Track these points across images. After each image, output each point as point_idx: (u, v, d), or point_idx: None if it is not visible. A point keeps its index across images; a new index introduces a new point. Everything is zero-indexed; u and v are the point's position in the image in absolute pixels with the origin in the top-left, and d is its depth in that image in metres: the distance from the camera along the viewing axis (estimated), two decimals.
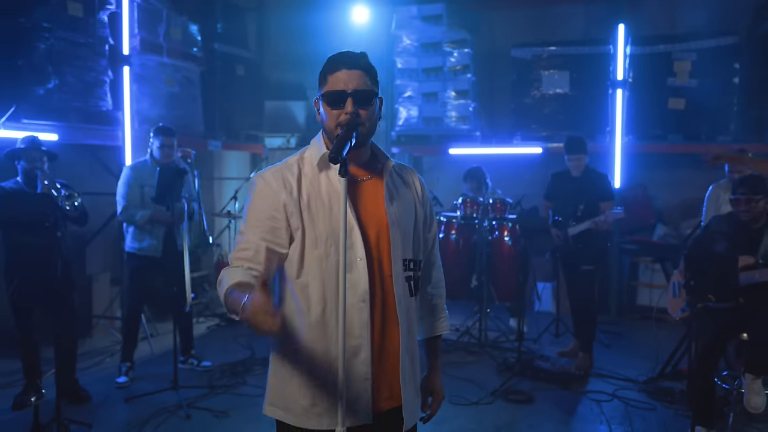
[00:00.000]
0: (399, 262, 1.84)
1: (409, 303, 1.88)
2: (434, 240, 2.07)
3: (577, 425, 4.13)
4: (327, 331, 1.80)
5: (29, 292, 4.27)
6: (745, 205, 3.76)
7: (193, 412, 4.21)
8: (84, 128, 5.49)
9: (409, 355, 1.88)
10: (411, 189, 1.98)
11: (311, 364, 1.81)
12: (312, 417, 1.82)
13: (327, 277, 1.79)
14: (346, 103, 1.77)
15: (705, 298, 3.48)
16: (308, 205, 1.81)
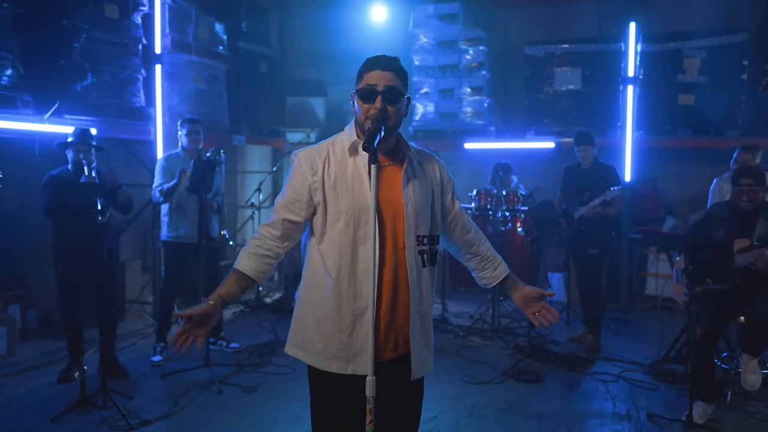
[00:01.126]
0: (412, 237, 2.13)
1: (421, 272, 2.15)
2: (460, 212, 2.35)
3: (583, 402, 4.39)
4: (340, 292, 2.11)
5: (75, 275, 4.59)
6: (748, 195, 3.99)
7: (224, 388, 4.53)
8: (119, 123, 5.82)
9: (420, 317, 2.15)
10: (429, 173, 2.25)
11: (326, 317, 2.13)
12: (323, 360, 2.14)
13: (343, 246, 2.10)
14: (376, 100, 2.05)
15: (704, 281, 3.72)
16: (334, 184, 2.12)
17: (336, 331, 2.12)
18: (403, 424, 2.23)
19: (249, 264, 2.17)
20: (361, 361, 2.10)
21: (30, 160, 5.40)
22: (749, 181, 3.99)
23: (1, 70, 4.76)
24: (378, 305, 2.08)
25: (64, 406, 4.05)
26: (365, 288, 2.08)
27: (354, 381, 2.11)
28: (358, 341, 2.10)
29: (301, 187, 2.14)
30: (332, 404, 2.18)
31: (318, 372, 2.16)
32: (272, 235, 2.18)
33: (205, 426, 3.93)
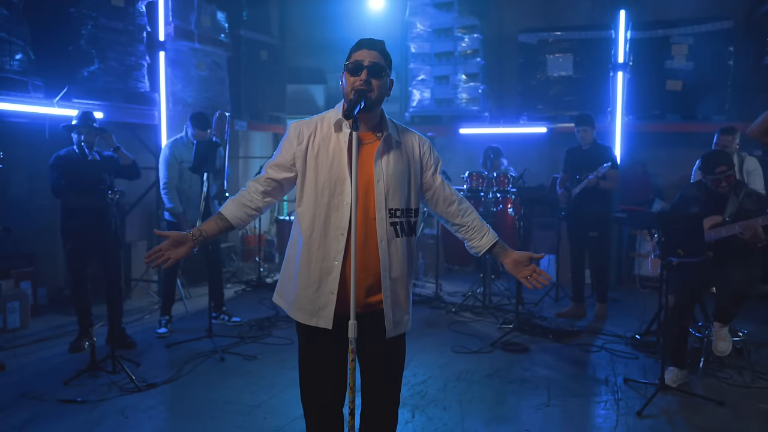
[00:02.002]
0: (383, 209, 2.33)
1: (393, 242, 2.35)
2: (441, 186, 2.50)
3: (565, 369, 4.64)
4: (311, 251, 2.35)
5: (84, 249, 4.84)
6: (726, 180, 4.21)
7: (226, 356, 4.78)
8: (125, 107, 6.06)
9: (393, 281, 2.35)
10: (407, 151, 2.44)
11: (298, 272, 2.38)
12: (293, 310, 2.40)
13: (317, 212, 2.33)
14: (362, 72, 2.28)
15: (675, 252, 3.95)
16: (316, 155, 2.35)
17: (304, 286, 2.36)
18: (383, 375, 2.44)
19: (230, 209, 2.44)
20: (324, 315, 2.32)
21: (39, 144, 5.65)
22: (723, 168, 4.20)
23: (14, 55, 4.99)
24: (344, 267, 2.30)
25: (76, 371, 4.30)
26: (333, 250, 2.31)
27: (332, 330, 2.33)
28: (323, 297, 2.33)
29: (286, 152, 2.39)
30: (312, 348, 2.43)
31: (297, 321, 2.41)
32: (256, 189, 2.43)
33: (209, 388, 4.19)
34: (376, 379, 2.45)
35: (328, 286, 2.33)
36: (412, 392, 4.08)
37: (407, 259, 2.43)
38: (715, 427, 3.66)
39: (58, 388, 4.11)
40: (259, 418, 3.70)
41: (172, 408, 3.92)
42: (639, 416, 3.76)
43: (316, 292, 2.34)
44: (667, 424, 3.69)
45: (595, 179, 5.66)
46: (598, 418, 3.78)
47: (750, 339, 4.88)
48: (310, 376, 2.46)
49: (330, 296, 2.32)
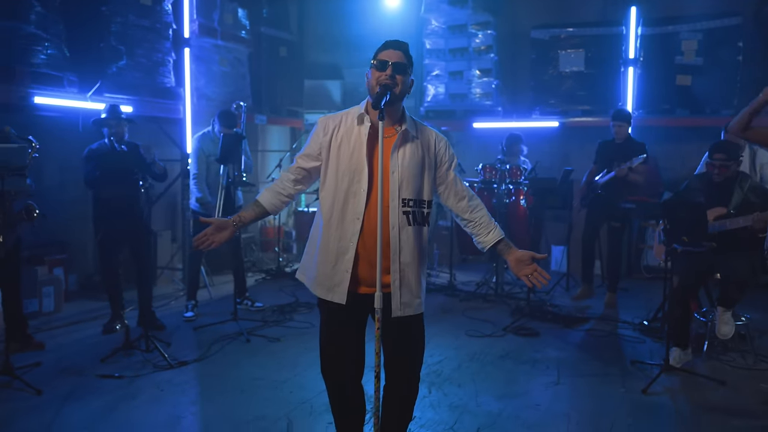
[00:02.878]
0: (396, 198, 2.54)
1: (405, 229, 2.56)
2: (453, 182, 2.68)
3: (575, 352, 4.85)
4: (329, 232, 2.58)
5: (115, 236, 5.11)
6: (719, 168, 4.40)
7: (251, 338, 5.04)
8: (152, 102, 6.32)
9: (403, 266, 2.56)
10: (424, 146, 2.64)
11: (318, 251, 2.62)
12: (315, 286, 2.64)
13: (337, 197, 2.57)
14: (388, 69, 2.51)
15: (679, 239, 4.15)
16: (339, 146, 2.59)
17: (323, 263, 2.59)
18: (400, 351, 2.65)
19: (266, 197, 2.71)
20: (339, 291, 2.55)
21: (71, 137, 5.93)
22: (721, 156, 4.39)
23: (50, 51, 5.25)
24: (358, 248, 2.52)
25: (111, 350, 4.57)
26: (349, 232, 2.54)
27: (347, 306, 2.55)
28: (338, 275, 2.56)
29: (314, 143, 2.64)
30: (332, 321, 2.66)
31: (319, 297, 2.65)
32: (288, 178, 2.70)
33: (236, 366, 4.44)
34: (394, 355, 2.65)
35: (343, 264, 2.55)
36: (428, 371, 4.31)
37: (418, 246, 2.61)
38: (715, 404, 3.87)
39: (96, 365, 4.38)
40: (286, 392, 3.95)
41: (204, 383, 4.18)
42: (644, 393, 3.97)
43: (333, 270, 2.57)
44: (670, 401, 3.90)
45: (626, 169, 5.80)
46: (604, 395, 3.99)
47: (754, 326, 5.06)
48: (329, 349, 2.70)
49: (345, 274, 2.54)
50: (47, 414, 3.59)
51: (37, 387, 3.88)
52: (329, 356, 2.69)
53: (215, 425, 3.53)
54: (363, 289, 2.56)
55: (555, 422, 3.57)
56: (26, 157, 4.10)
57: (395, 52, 2.55)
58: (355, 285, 2.55)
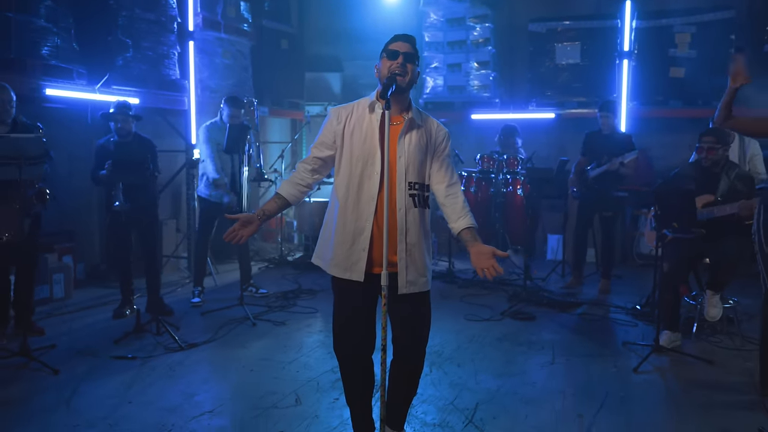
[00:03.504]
0: (403, 181, 2.72)
1: (410, 211, 2.72)
2: (444, 164, 2.84)
3: (569, 334, 5.03)
4: (346, 214, 2.75)
5: (125, 223, 5.26)
6: (707, 152, 4.58)
7: (257, 322, 5.21)
8: (158, 94, 6.47)
9: (409, 246, 2.72)
10: (427, 134, 2.82)
11: (335, 233, 2.78)
12: (332, 267, 2.79)
13: (351, 181, 2.73)
14: (399, 58, 2.68)
15: (670, 225, 4.33)
16: (351, 133, 2.76)
17: (340, 243, 2.76)
18: (407, 326, 2.82)
19: (286, 188, 2.86)
20: (357, 269, 2.71)
21: (79, 128, 6.10)
22: (709, 138, 4.58)
23: (60, 44, 5.40)
24: (372, 229, 2.69)
25: (122, 333, 4.75)
26: (365, 213, 2.71)
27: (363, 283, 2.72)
28: (355, 254, 2.72)
29: (328, 132, 2.80)
30: (346, 299, 2.82)
31: (333, 276, 2.81)
32: (305, 168, 2.86)
33: (244, 348, 4.62)
34: (402, 331, 2.83)
35: (360, 244, 2.72)
36: (429, 352, 4.40)
37: (423, 227, 2.79)
38: (702, 381, 4.05)
39: (109, 347, 4.55)
40: (293, 372, 4.12)
41: (214, 363, 4.36)
42: (635, 372, 4.16)
43: (350, 250, 2.73)
44: (659, 379, 4.09)
45: (618, 164, 5.95)
46: (597, 373, 4.18)
47: (742, 310, 5.26)
48: (343, 324, 2.85)
49: (362, 253, 2.71)
50: (65, 391, 3.76)
51: (54, 367, 4.05)
52: (342, 333, 2.85)
53: (228, 400, 3.70)
54: (376, 269, 2.72)
55: (550, 398, 3.76)
56: (42, 147, 4.25)
57: (404, 43, 2.73)
58: (370, 265, 2.72)
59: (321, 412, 3.51)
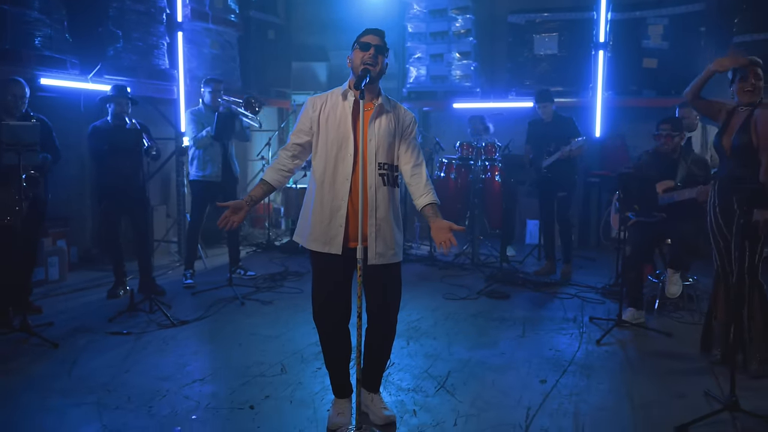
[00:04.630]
0: (373, 162, 3.00)
1: (380, 189, 3.00)
2: (410, 146, 3.12)
3: (540, 311, 5.34)
4: (323, 193, 3.01)
5: (117, 207, 5.51)
6: (665, 139, 4.88)
7: (245, 302, 5.47)
8: (148, 83, 6.67)
9: (379, 221, 3.00)
10: (395, 119, 3.09)
11: (313, 211, 3.05)
12: (310, 241, 3.06)
13: (327, 163, 3.01)
14: (371, 49, 2.94)
15: (632, 207, 4.63)
16: (327, 119, 3.03)
17: (318, 221, 3.03)
18: (380, 294, 3.09)
19: (270, 175, 3.13)
20: (335, 243, 2.99)
21: (72, 116, 6.29)
22: (666, 126, 4.89)
23: (54, 36, 5.59)
24: (348, 206, 2.96)
25: (116, 312, 5.00)
26: (341, 192, 2.98)
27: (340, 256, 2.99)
28: (333, 229, 3.00)
29: (305, 120, 3.08)
30: (324, 272, 3.09)
31: (312, 251, 3.08)
32: (286, 155, 3.14)
33: (233, 325, 4.89)
34: (374, 299, 3.10)
35: (337, 221, 2.99)
36: (407, 327, 4.78)
37: (391, 204, 3.08)
38: (660, 351, 4.37)
39: (104, 324, 4.80)
40: (279, 345, 4.40)
41: (204, 338, 4.63)
42: (598, 344, 4.47)
43: (328, 226, 3.00)
44: (620, 349, 4.41)
45: (567, 152, 6.22)
46: (563, 345, 4.48)
47: (704, 289, 5.58)
48: (322, 294, 3.11)
49: (339, 228, 2.99)
50: (65, 362, 4.01)
51: (54, 341, 4.30)
52: (321, 303, 3.12)
53: (218, 369, 3.97)
54: (352, 243, 2.99)
55: (517, 366, 4.06)
56: (38, 134, 4.47)
57: (375, 36, 3.00)
58: (345, 240, 2.99)
59: (305, 380, 3.79)
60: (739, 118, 3.88)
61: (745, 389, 3.58)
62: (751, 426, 3.20)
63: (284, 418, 3.27)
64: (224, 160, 5.94)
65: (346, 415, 3.18)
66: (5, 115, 4.58)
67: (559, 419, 3.30)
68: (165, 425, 3.18)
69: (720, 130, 4.00)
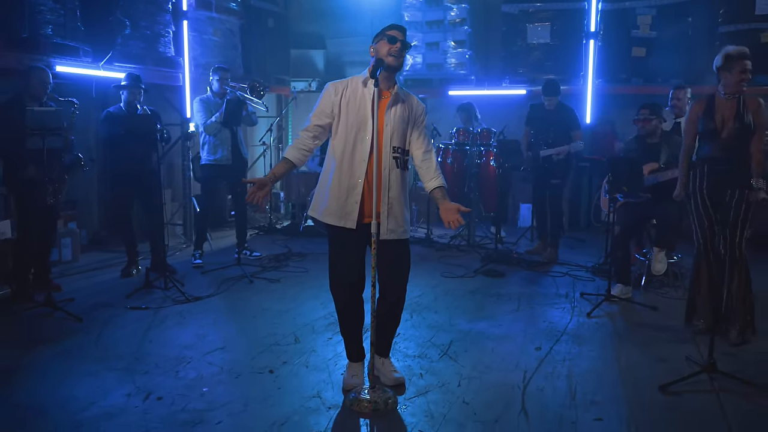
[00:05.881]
0: (388, 146, 3.28)
1: (393, 171, 3.28)
2: (422, 134, 3.41)
3: (534, 288, 5.65)
4: (341, 171, 3.28)
5: (132, 189, 5.75)
6: (643, 122, 5.19)
7: (254, 280, 5.75)
8: (155, 70, 6.89)
9: (390, 200, 3.27)
10: (408, 107, 3.37)
11: (331, 187, 3.31)
12: (326, 216, 3.33)
13: (347, 143, 3.27)
14: (398, 43, 3.21)
15: (620, 189, 4.94)
16: (347, 104, 3.29)
17: (335, 197, 3.29)
18: (391, 267, 3.37)
19: (292, 153, 3.38)
20: (350, 219, 3.26)
21: (83, 103, 6.48)
22: (645, 111, 5.20)
23: (68, 24, 5.79)
24: (363, 185, 3.24)
25: (133, 289, 5.26)
26: (358, 171, 3.25)
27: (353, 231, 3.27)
28: (349, 206, 3.27)
29: (327, 102, 3.33)
30: (340, 245, 3.37)
31: (329, 225, 3.35)
32: (307, 135, 3.38)
33: (244, 301, 5.16)
34: (386, 270, 3.36)
35: (353, 197, 3.26)
36: (409, 302, 4.98)
37: (402, 185, 3.37)
38: (645, 323, 4.70)
39: (123, 300, 5.07)
40: (290, 318, 4.68)
41: (219, 312, 4.90)
42: (588, 316, 4.79)
43: (345, 202, 3.27)
44: (609, 321, 4.73)
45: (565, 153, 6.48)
46: (556, 317, 4.80)
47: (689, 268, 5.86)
48: (339, 266, 3.40)
49: (354, 205, 3.26)
50: (92, 334, 4.28)
51: (77, 315, 4.57)
52: (338, 273, 3.40)
53: (235, 339, 4.26)
54: (366, 219, 3.27)
55: (514, 335, 4.37)
56: (61, 119, 4.70)
57: (400, 32, 3.27)
58: (361, 216, 3.26)
59: (318, 348, 4.08)
60: (730, 104, 4.12)
61: (723, 354, 3.94)
62: (727, 385, 3.52)
63: (302, 380, 3.56)
64: (233, 145, 6.19)
65: (360, 376, 3.47)
66: (30, 101, 4.81)
67: (553, 381, 3.61)
68: (192, 387, 3.46)
69: (704, 117, 4.22)
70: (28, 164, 4.75)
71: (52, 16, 5.62)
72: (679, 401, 3.37)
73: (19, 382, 3.51)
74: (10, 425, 3.04)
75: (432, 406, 3.27)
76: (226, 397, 3.35)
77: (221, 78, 6.23)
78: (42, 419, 3.08)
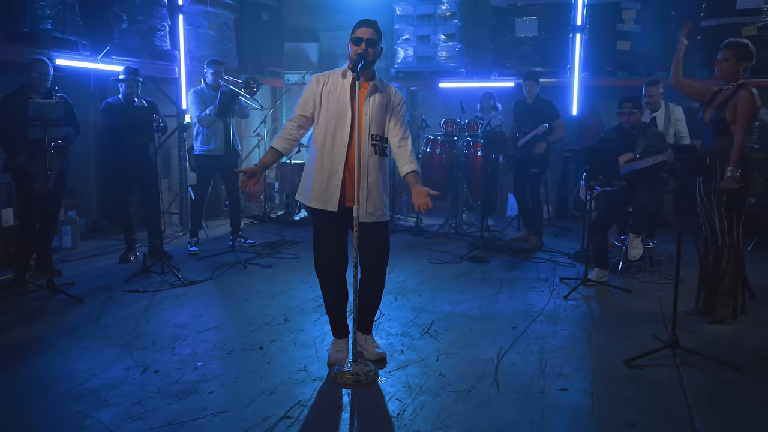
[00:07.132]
0: (367, 133, 3.49)
1: (371, 157, 3.49)
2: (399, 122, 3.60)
3: (517, 273, 5.89)
4: (323, 157, 3.50)
5: (130, 178, 5.97)
6: (627, 116, 5.40)
7: (247, 265, 5.98)
8: (151, 64, 7.09)
9: (369, 185, 3.48)
10: (385, 96, 3.58)
11: (314, 173, 3.53)
12: (311, 200, 3.55)
13: (328, 131, 3.49)
14: (362, 44, 3.41)
15: (596, 177, 5.17)
16: (328, 94, 3.52)
17: (318, 182, 3.52)
18: (371, 249, 3.58)
19: (279, 143, 3.60)
20: (332, 202, 3.47)
21: (82, 95, 6.71)
22: (628, 104, 5.40)
23: (67, 18, 5.99)
24: (344, 171, 3.45)
25: (130, 274, 5.49)
26: (338, 157, 3.47)
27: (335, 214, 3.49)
28: (331, 189, 3.49)
29: (309, 94, 3.56)
30: (323, 228, 3.59)
31: (312, 208, 3.58)
32: (292, 125, 3.61)
33: (237, 284, 5.40)
34: (367, 251, 3.56)
35: (334, 182, 3.49)
36: (395, 286, 5.31)
37: (381, 171, 3.58)
38: (619, 304, 4.95)
39: (121, 284, 5.29)
40: (281, 300, 4.92)
41: (213, 295, 5.13)
42: (565, 299, 5.03)
43: (327, 186, 3.50)
44: (584, 303, 4.97)
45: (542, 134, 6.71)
46: (535, 300, 5.04)
47: (667, 254, 6.15)
48: (323, 248, 3.62)
49: (336, 189, 3.49)
50: (92, 315, 4.51)
51: (78, 297, 4.80)
52: (322, 254, 3.63)
53: (228, 319, 4.49)
54: (347, 203, 3.50)
55: (493, 316, 4.61)
56: (61, 111, 4.91)
57: (367, 29, 3.46)
58: (342, 200, 3.49)
59: (306, 327, 4.32)
60: (723, 95, 4.34)
61: (690, 333, 4.18)
62: (688, 360, 3.77)
63: (290, 356, 3.80)
64: (226, 136, 6.40)
65: (344, 352, 3.71)
66: (32, 92, 5.03)
67: (526, 356, 3.85)
68: (187, 361, 3.70)
69: (705, 105, 4.45)
70: (20, 152, 4.95)
71: (51, 11, 5.82)
72: (642, 374, 3.61)
73: (24, 358, 3.74)
74: (18, 395, 3.27)
75: (410, 378, 3.51)
76: (218, 370, 3.58)
77: (215, 71, 6.44)
78: (47, 390, 3.31)
